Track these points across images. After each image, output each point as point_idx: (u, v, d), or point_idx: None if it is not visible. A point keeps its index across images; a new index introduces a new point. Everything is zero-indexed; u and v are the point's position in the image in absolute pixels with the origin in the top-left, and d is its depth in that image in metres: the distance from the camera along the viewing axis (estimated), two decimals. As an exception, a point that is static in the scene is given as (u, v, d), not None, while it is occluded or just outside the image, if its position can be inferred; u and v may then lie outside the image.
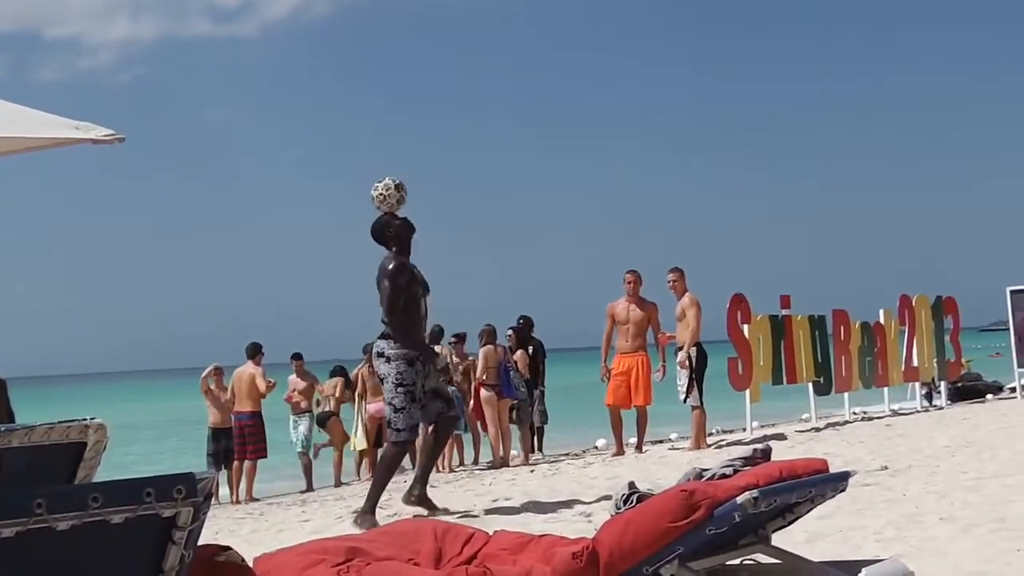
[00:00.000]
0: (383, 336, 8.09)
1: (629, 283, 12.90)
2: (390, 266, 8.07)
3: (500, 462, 13.90)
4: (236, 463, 14.34)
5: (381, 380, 8.23)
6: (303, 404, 15.41)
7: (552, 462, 13.42)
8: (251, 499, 14.00)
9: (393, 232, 8.17)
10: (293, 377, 15.57)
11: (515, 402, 14.46)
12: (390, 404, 8.09)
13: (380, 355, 8.11)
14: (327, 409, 15.61)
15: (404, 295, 8.04)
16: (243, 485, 14.32)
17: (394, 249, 8.15)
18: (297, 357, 15.68)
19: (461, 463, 14.92)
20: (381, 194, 8.17)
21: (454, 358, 15.20)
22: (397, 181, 8.21)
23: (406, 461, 15.10)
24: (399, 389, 8.03)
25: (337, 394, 15.73)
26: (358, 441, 15.41)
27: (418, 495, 8.26)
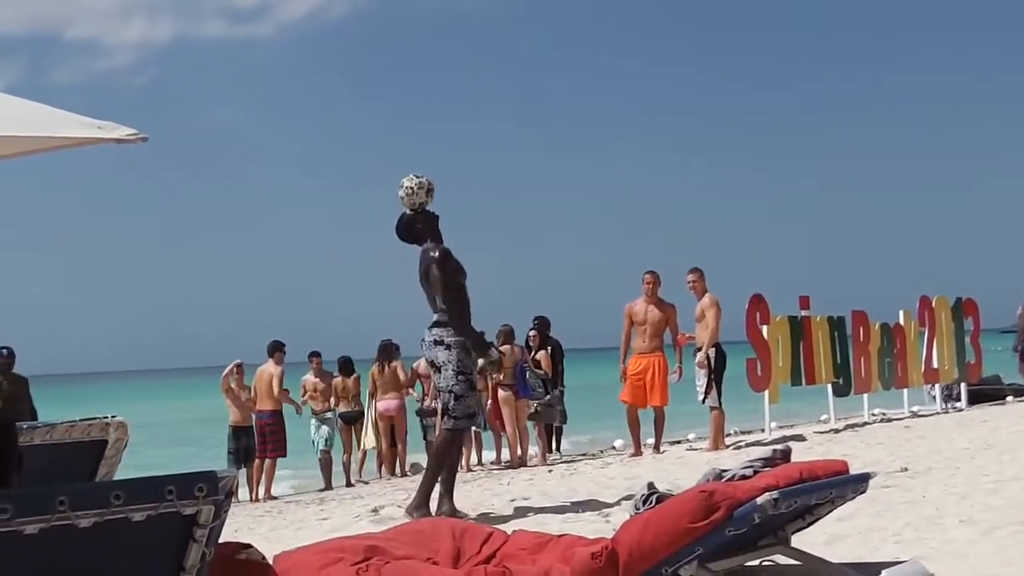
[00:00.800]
0: (438, 324, 8.02)
1: (648, 284, 12.88)
2: (436, 254, 8.02)
3: (518, 462, 13.90)
4: (256, 461, 14.36)
5: (437, 368, 8.07)
6: (324, 405, 15.35)
7: (570, 462, 13.41)
8: (270, 497, 14.04)
9: (422, 226, 8.13)
10: (308, 377, 15.51)
11: (539, 402, 14.46)
12: (450, 391, 7.99)
13: (439, 342, 8.00)
14: (355, 408, 15.51)
15: (454, 281, 8.02)
16: (262, 483, 14.35)
17: (428, 240, 8.11)
18: (315, 355, 15.63)
19: (479, 462, 14.92)
20: (411, 189, 8.11)
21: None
22: (425, 179, 8.16)
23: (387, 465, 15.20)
24: (460, 377, 7.98)
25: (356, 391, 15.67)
26: (368, 440, 15.34)
27: (448, 509, 8.06)
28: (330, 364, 15.88)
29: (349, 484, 14.89)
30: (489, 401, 14.57)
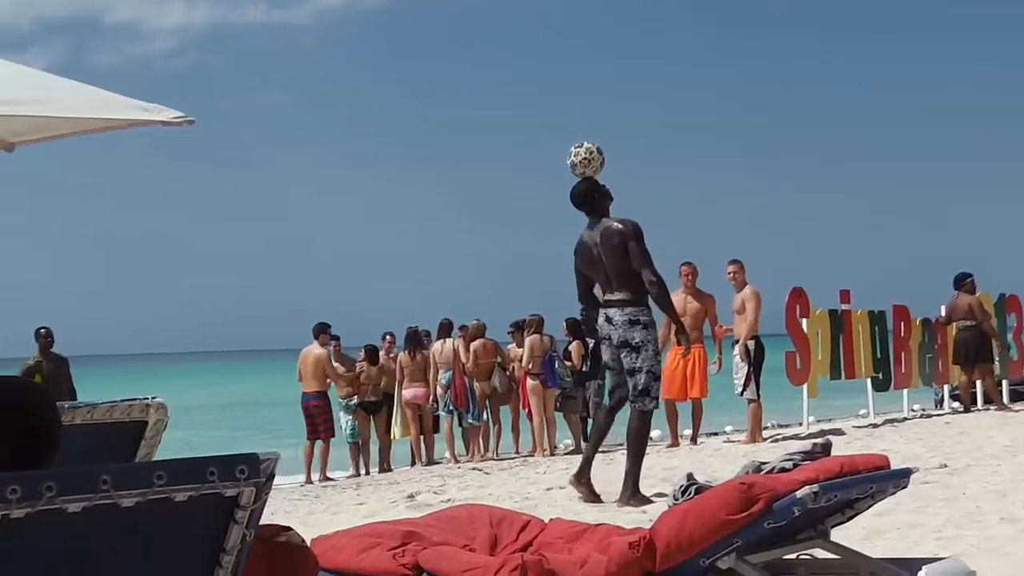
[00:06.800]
0: (627, 302, 7.90)
1: (685, 275, 12.83)
2: (631, 229, 7.86)
3: (542, 451, 14.06)
4: (307, 443, 14.28)
5: (632, 348, 7.88)
6: (348, 390, 15.05)
7: (605, 452, 13.34)
8: (325, 479, 13.95)
9: (599, 197, 8.02)
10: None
11: (560, 391, 14.51)
12: (650, 372, 7.93)
13: (635, 322, 7.86)
14: (378, 397, 15.30)
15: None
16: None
17: (605, 213, 8.02)
18: (334, 339, 15.33)
19: (486, 450, 14.96)
20: (585, 158, 7.99)
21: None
22: (598, 145, 8.07)
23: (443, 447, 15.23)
24: (657, 357, 8.02)
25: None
26: (397, 430, 15.17)
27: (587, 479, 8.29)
28: (350, 350, 15.72)
29: (364, 472, 14.70)
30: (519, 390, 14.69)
